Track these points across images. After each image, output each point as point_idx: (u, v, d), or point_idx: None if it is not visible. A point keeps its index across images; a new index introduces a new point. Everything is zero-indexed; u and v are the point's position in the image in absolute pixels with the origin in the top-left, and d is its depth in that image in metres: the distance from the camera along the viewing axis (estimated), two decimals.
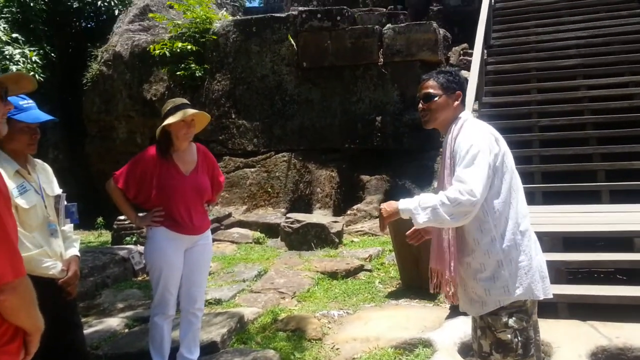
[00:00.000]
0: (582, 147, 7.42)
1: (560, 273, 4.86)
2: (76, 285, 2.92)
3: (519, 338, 2.48)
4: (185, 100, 3.72)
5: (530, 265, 2.53)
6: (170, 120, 3.51)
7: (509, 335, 2.48)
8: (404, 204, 2.46)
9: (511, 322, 2.49)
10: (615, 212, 5.82)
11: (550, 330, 4.21)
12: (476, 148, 2.43)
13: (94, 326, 4.94)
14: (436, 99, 2.62)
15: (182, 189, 3.57)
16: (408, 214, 2.44)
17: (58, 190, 2.99)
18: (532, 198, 6.85)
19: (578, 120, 7.84)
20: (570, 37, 9.75)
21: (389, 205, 2.54)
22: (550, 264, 4.85)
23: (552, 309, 4.54)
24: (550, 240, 5.10)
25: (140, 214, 3.72)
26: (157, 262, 3.61)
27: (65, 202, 2.98)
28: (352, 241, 7.96)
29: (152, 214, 3.59)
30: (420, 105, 2.67)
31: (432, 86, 2.64)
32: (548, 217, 5.79)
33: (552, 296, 2.60)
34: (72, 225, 3.04)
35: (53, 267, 2.77)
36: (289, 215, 8.53)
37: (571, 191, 6.81)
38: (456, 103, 2.64)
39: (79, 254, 2.99)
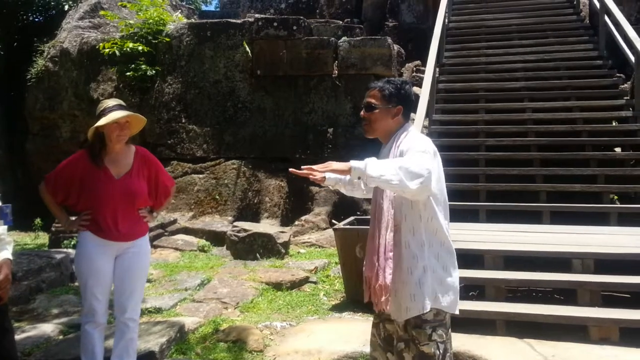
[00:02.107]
0: (526, 168, 7.63)
1: (499, 291, 4.97)
2: (7, 289, 2.79)
3: (440, 351, 2.55)
4: (120, 102, 3.62)
5: (454, 281, 2.63)
6: (102, 121, 3.41)
7: (432, 349, 2.53)
8: (355, 162, 2.42)
9: (435, 335, 2.55)
10: (556, 233, 5.99)
11: (487, 346, 4.29)
12: (428, 151, 2.52)
13: (27, 331, 4.74)
14: (376, 110, 2.70)
15: (109, 193, 3.45)
16: (359, 172, 2.40)
17: None
18: (477, 216, 6.99)
19: (522, 142, 8.06)
20: (519, 60, 10.05)
21: (340, 164, 2.47)
22: (491, 282, 5.02)
23: (490, 325, 4.63)
24: (492, 259, 5.21)
25: (73, 218, 3.60)
26: (83, 268, 3.50)
27: (0, 203, 2.85)
28: (298, 252, 7.93)
29: (80, 217, 3.48)
30: (362, 113, 2.76)
31: (374, 96, 2.71)
32: (491, 235, 5.91)
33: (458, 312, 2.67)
34: (5, 227, 2.90)
35: None
36: (236, 223, 8.44)
37: (514, 210, 6.98)
38: (396, 117, 2.71)
39: (11, 257, 2.85)
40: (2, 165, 10.11)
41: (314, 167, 2.51)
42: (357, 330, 4.93)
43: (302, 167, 2.65)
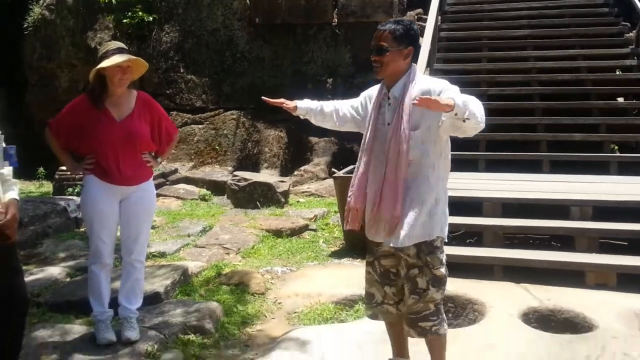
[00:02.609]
0: (527, 117, 7.61)
1: (497, 237, 5.03)
2: (15, 229, 2.82)
3: (446, 272, 2.81)
4: (122, 45, 3.58)
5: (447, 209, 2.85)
6: (105, 64, 3.37)
7: (443, 271, 2.77)
8: (457, 99, 2.43)
9: (444, 259, 2.79)
10: (555, 182, 6.03)
11: (484, 290, 4.38)
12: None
13: (35, 274, 4.84)
14: (388, 53, 2.71)
15: (110, 135, 3.43)
16: (460, 109, 2.43)
17: None
18: (476, 165, 7.02)
19: (525, 91, 8.02)
20: (523, 8, 9.88)
21: (446, 99, 2.45)
22: (489, 229, 5.08)
23: (487, 271, 4.71)
24: (491, 206, 5.26)
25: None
26: (89, 211, 3.53)
27: (4, 144, 2.85)
28: (298, 201, 7.99)
29: (84, 161, 3.50)
30: (372, 56, 2.77)
31: (385, 38, 2.72)
32: (489, 183, 5.95)
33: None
34: (10, 168, 2.91)
35: None
36: (236, 173, 8.47)
37: (514, 160, 7.01)
38: (407, 59, 2.75)
39: (17, 198, 2.87)
40: (3, 116, 10.04)
41: (422, 98, 2.46)
42: (356, 275, 4.99)
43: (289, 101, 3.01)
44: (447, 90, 2.62)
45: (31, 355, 3.41)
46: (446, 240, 2.85)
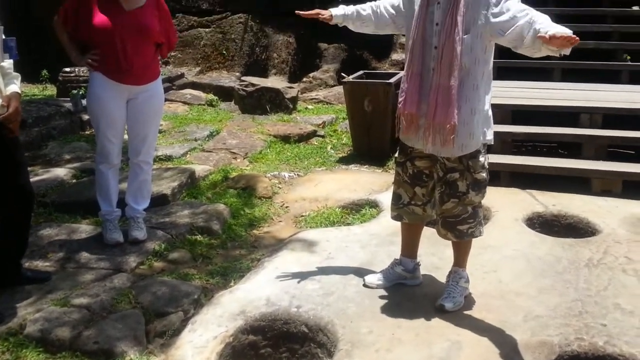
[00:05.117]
0: None
1: (506, 144, 5.00)
2: (18, 122, 2.81)
3: (487, 176, 2.81)
4: None
5: (492, 117, 2.82)
6: None
7: (483, 174, 2.77)
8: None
9: (485, 163, 2.79)
10: (565, 90, 5.93)
11: (491, 196, 4.32)
12: None
13: (40, 175, 4.82)
14: None
15: (119, 23, 3.33)
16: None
17: None
18: None
19: None
20: None
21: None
22: (497, 135, 4.97)
23: (494, 176, 4.69)
24: (500, 113, 5.16)
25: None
26: (95, 110, 3.49)
27: (3, 36, 2.78)
28: (306, 108, 7.93)
29: (90, 53, 3.40)
30: None
31: None
32: (500, 91, 5.82)
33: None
34: (11, 61, 2.86)
35: None
36: (244, 78, 8.36)
37: (524, 68, 6.84)
38: None
39: (19, 91, 2.84)
40: (4, 16, 9.80)
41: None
42: (363, 180, 5.07)
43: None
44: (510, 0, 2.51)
45: (37, 253, 3.48)
46: (492, 143, 2.83)
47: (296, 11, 2.97)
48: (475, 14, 2.54)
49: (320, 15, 2.92)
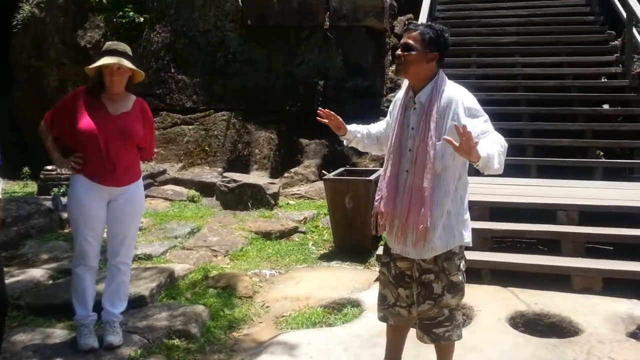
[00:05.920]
0: (514, 123, 7.65)
1: (485, 241, 5.05)
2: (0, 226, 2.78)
3: (463, 279, 2.82)
4: (121, 48, 3.52)
5: (469, 219, 2.85)
6: (97, 63, 3.41)
7: (460, 277, 2.78)
8: (483, 153, 2.47)
9: (461, 266, 2.80)
10: (541, 186, 6.07)
11: (472, 294, 4.37)
12: (484, 113, 2.73)
13: (16, 276, 4.75)
14: (413, 52, 2.70)
15: (104, 126, 3.40)
16: (485, 161, 2.48)
17: None
18: None
19: (512, 97, 8.07)
20: (511, 15, 9.99)
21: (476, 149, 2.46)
22: (477, 232, 5.04)
23: (475, 274, 4.73)
24: (478, 210, 5.28)
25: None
26: (75, 213, 3.50)
27: None
28: (287, 203, 7.98)
29: (72, 156, 3.45)
30: (398, 52, 2.76)
31: (414, 38, 2.71)
32: (477, 187, 5.94)
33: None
34: None
35: None
36: (225, 174, 8.44)
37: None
38: (430, 63, 2.73)
39: (0, 196, 2.84)
40: None
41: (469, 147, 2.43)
42: (345, 278, 5.03)
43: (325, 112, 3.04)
44: (475, 119, 2.66)
45: (10, 359, 3.36)
46: (470, 245, 2.84)
47: (319, 109, 3.11)
48: (446, 123, 2.65)
49: (337, 119, 3.08)
